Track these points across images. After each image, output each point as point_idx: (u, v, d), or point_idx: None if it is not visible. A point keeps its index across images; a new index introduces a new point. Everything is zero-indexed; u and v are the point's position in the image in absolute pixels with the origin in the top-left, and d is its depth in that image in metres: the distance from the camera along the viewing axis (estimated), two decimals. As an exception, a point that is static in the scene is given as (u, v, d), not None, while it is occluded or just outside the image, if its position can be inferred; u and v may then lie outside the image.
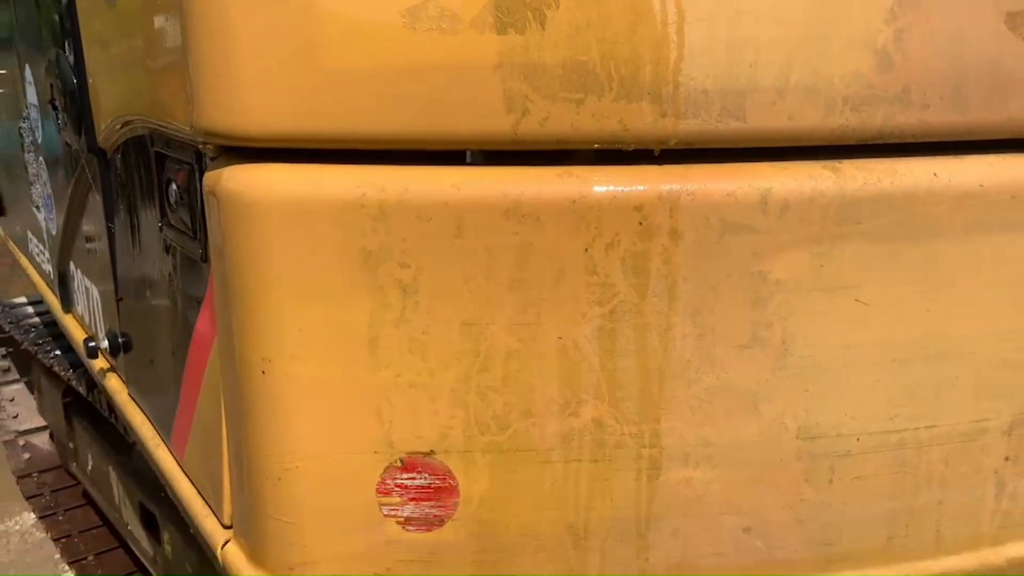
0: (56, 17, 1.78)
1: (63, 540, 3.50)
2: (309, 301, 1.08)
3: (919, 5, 1.05)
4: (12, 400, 4.11)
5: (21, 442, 4.08)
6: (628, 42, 1.00)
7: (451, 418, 1.11)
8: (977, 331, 1.16)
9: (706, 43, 1.01)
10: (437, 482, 1.13)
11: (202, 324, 1.29)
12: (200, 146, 1.17)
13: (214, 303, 1.20)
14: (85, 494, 3.70)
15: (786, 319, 1.10)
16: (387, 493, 1.14)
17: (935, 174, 1.10)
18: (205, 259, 1.24)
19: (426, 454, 1.13)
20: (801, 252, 1.08)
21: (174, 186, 1.33)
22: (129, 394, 1.79)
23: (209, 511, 1.36)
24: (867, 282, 1.11)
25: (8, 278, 4.36)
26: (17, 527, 3.69)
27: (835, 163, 1.08)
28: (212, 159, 1.15)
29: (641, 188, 1.05)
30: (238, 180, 1.09)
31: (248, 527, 1.23)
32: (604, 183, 1.05)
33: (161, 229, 1.41)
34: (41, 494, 3.82)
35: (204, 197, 1.15)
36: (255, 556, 1.22)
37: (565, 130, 1.03)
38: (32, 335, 3.31)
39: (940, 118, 1.09)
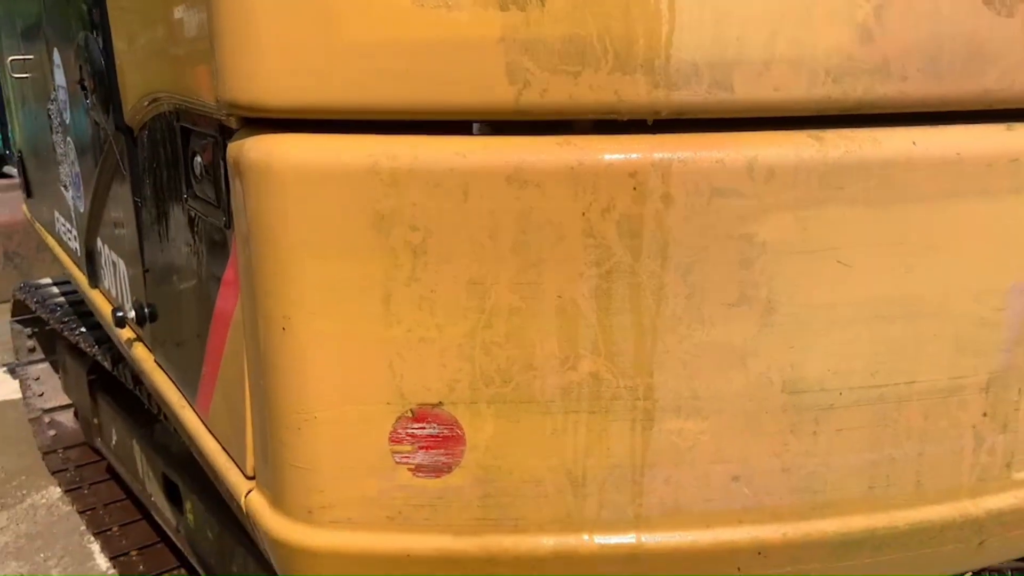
0: (85, 3, 1.87)
1: (88, 512, 3.62)
2: (326, 262, 1.16)
3: (898, -18, 1.11)
4: (38, 379, 4.24)
5: (46, 419, 4.20)
6: (622, 18, 1.07)
7: (458, 371, 1.19)
8: (954, 291, 1.23)
9: (695, 19, 1.08)
10: (445, 431, 1.22)
11: (226, 287, 1.37)
12: (224, 119, 1.25)
13: (237, 266, 1.29)
14: (109, 469, 3.82)
15: (772, 279, 1.17)
16: (399, 441, 1.22)
17: (914, 142, 1.17)
18: (229, 226, 1.32)
19: (435, 405, 1.21)
20: (786, 216, 1.15)
21: (199, 158, 1.41)
22: (155, 361, 1.89)
23: (233, 464, 1.45)
24: (849, 244, 1.17)
25: (32, 260, 4.47)
26: (44, 500, 3.82)
27: (818, 132, 1.15)
28: (235, 131, 1.23)
29: (635, 156, 1.12)
30: (260, 149, 1.17)
31: (269, 475, 1.31)
32: (601, 151, 1.12)
33: (186, 200, 1.50)
34: (66, 469, 3.94)
35: (228, 166, 1.24)
36: (276, 502, 1.30)
37: (564, 101, 1.10)
38: (58, 314, 3.42)
39: (918, 89, 1.15)
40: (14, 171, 10.29)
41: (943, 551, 1.34)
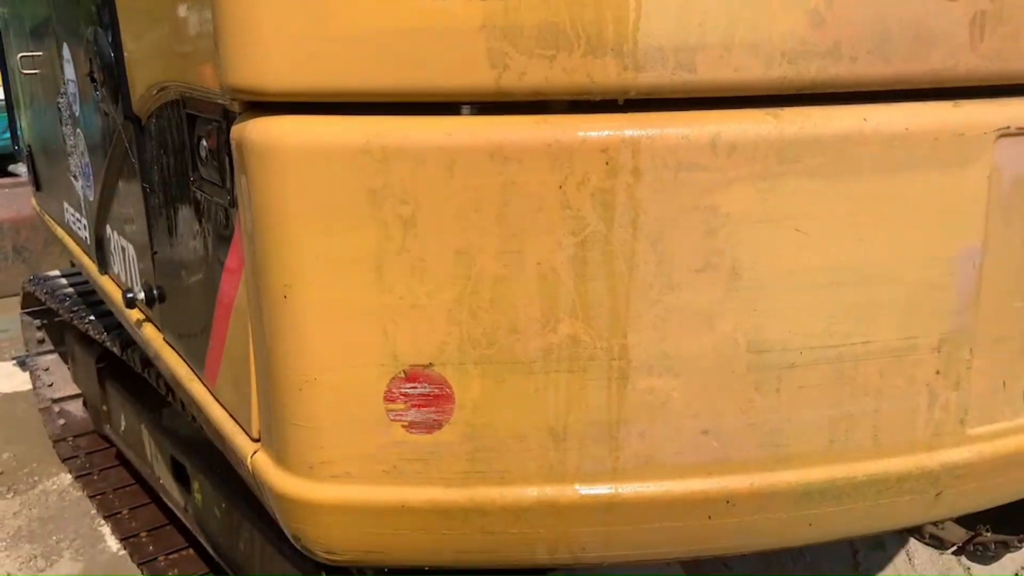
0: (94, 1, 1.96)
1: (98, 497, 3.72)
2: (323, 234, 1.26)
3: (847, -30, 1.21)
4: (47, 370, 4.34)
5: (56, 409, 4.31)
6: (593, 6, 1.17)
7: (447, 335, 1.29)
8: (905, 258, 1.32)
9: (660, 6, 1.17)
10: (435, 391, 1.31)
11: (231, 262, 1.47)
12: (228, 104, 1.35)
13: (241, 241, 1.39)
14: (118, 455, 3.92)
15: (735, 246, 1.27)
16: (392, 400, 1.32)
17: (865, 119, 1.26)
18: (233, 205, 1.42)
19: (426, 366, 1.30)
20: (747, 188, 1.25)
21: (204, 143, 1.51)
22: (164, 339, 1.99)
23: (239, 429, 1.55)
24: (806, 214, 1.27)
25: (40, 255, 4.58)
26: (55, 486, 3.92)
27: (776, 110, 1.24)
28: (238, 114, 1.33)
29: (607, 133, 1.22)
30: (261, 131, 1.27)
31: (273, 436, 1.42)
32: (575, 129, 1.22)
33: (192, 182, 1.60)
34: (76, 456, 4.05)
35: (232, 148, 1.34)
36: (280, 460, 1.40)
37: (540, 83, 1.20)
38: (67, 303, 3.52)
39: (868, 69, 1.24)
40: (19, 170, 10.40)
41: (901, 502, 1.43)
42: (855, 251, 1.30)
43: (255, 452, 1.48)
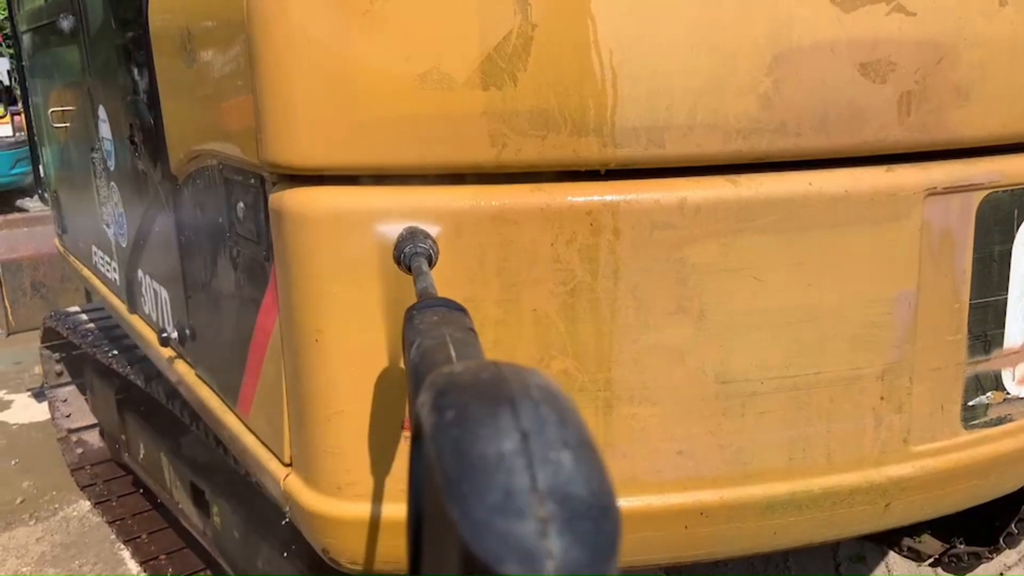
0: (135, 68, 2.19)
1: (117, 522, 3.90)
2: (350, 287, 1.47)
3: (791, 60, 1.43)
4: (65, 401, 4.54)
5: (74, 439, 4.49)
6: (577, 94, 1.39)
7: (456, 371, 1.50)
8: (849, 300, 1.53)
9: (633, 94, 1.39)
10: (446, 420, 1.52)
11: (266, 308, 1.68)
12: (265, 174, 1.57)
13: (276, 291, 1.60)
14: (135, 482, 4.11)
15: (702, 292, 1.48)
16: (411, 428, 1.52)
17: (810, 183, 1.48)
18: (268, 259, 1.63)
19: (438, 399, 1.51)
20: (711, 243, 1.46)
21: (241, 203, 1.73)
22: (196, 374, 2.19)
23: (272, 455, 1.75)
24: (762, 264, 1.48)
25: (58, 291, 4.78)
26: (75, 513, 4.10)
27: (734, 177, 1.46)
28: (274, 183, 1.54)
29: (591, 198, 1.43)
30: (296, 200, 1.48)
31: (304, 460, 1.62)
32: (564, 195, 1.43)
33: (229, 237, 1.81)
34: (94, 484, 4.23)
35: (270, 212, 1.55)
36: (310, 481, 1.61)
37: (534, 157, 1.42)
38: (89, 339, 3.72)
39: (811, 142, 1.46)
40: (26, 205, 10.59)
41: (854, 512, 1.64)
42: (806, 295, 1.51)
43: (287, 475, 1.68)
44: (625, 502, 1.54)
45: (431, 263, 1.34)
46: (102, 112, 2.60)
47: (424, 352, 0.91)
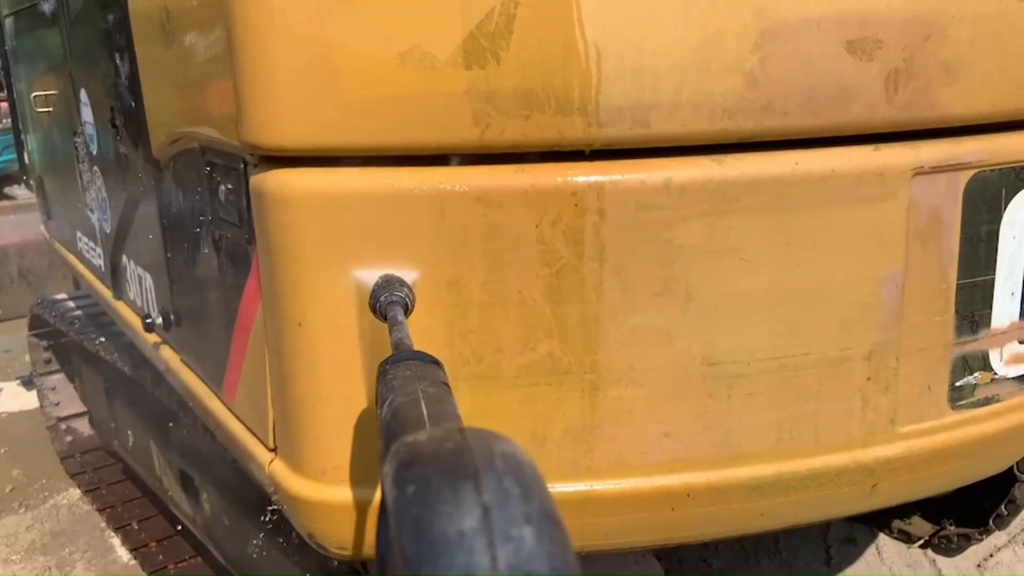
0: (115, 51, 2.16)
1: (107, 510, 3.89)
2: (333, 270, 1.45)
3: (777, 37, 1.41)
4: (54, 389, 4.51)
5: (63, 427, 4.47)
6: (561, 73, 1.37)
7: (439, 355, 1.47)
8: (836, 281, 1.52)
9: (618, 73, 1.37)
10: (431, 403, 1.51)
11: (249, 292, 1.67)
12: (246, 156, 1.55)
13: (260, 275, 1.58)
14: (124, 470, 4.09)
15: (688, 274, 1.47)
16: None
17: (796, 163, 1.47)
18: (251, 242, 1.61)
19: (423, 382, 1.50)
20: (697, 223, 1.45)
21: (223, 186, 1.71)
22: (182, 360, 2.18)
23: (257, 440, 1.74)
24: (748, 245, 1.47)
25: (45, 278, 4.74)
26: (65, 501, 4.08)
27: (720, 156, 1.44)
28: (255, 166, 1.52)
29: (576, 179, 1.41)
30: (277, 182, 1.46)
31: (289, 446, 1.61)
32: (548, 176, 1.41)
33: (211, 221, 1.79)
34: (84, 472, 4.21)
35: (251, 195, 1.53)
36: (295, 466, 1.59)
37: (518, 138, 1.40)
38: (77, 326, 3.70)
39: (797, 122, 1.45)
40: (14, 192, 10.52)
41: (841, 492, 1.64)
42: (792, 276, 1.50)
43: (272, 461, 1.67)
44: (612, 485, 1.54)
45: (407, 311, 1.35)
46: (84, 96, 2.57)
47: (395, 410, 0.91)
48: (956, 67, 1.51)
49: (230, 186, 1.67)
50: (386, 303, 1.35)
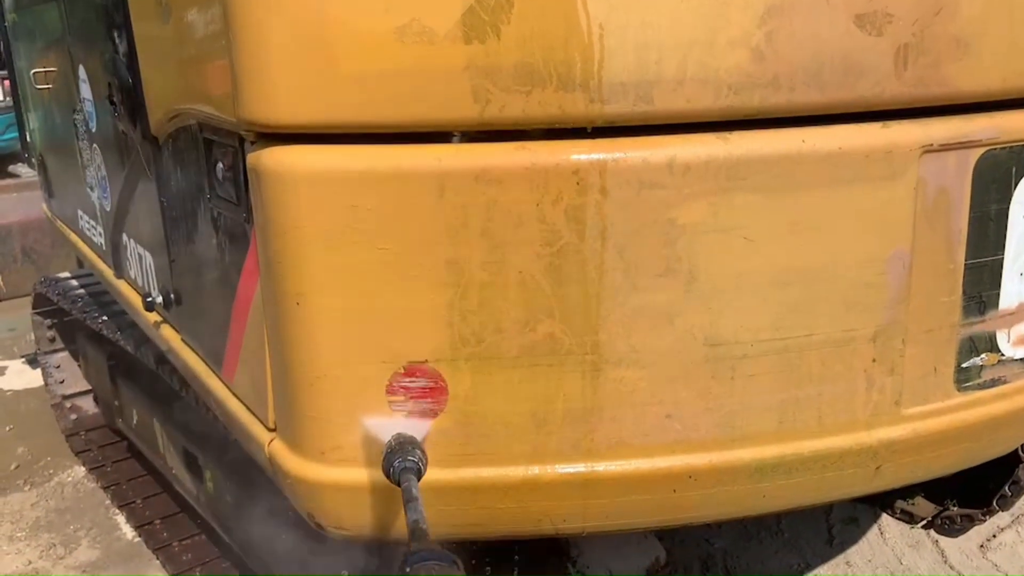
0: (113, 28, 2.13)
1: (112, 488, 3.90)
2: (331, 248, 1.44)
3: (784, 11, 1.38)
4: (58, 367, 4.51)
5: (68, 405, 4.48)
6: (563, 48, 1.34)
7: (441, 335, 1.47)
8: (842, 261, 1.50)
9: (621, 48, 1.34)
10: (431, 384, 1.49)
11: (247, 271, 1.65)
12: (243, 133, 1.53)
13: (257, 253, 1.56)
14: (129, 448, 4.10)
15: (691, 254, 1.44)
16: (393, 393, 1.50)
17: (803, 140, 1.44)
18: (249, 220, 1.59)
19: (422, 362, 1.48)
20: (700, 202, 1.42)
21: (220, 164, 1.68)
22: (182, 339, 2.17)
23: (256, 420, 1.73)
24: (753, 224, 1.45)
25: (49, 256, 4.74)
26: (70, 479, 4.10)
27: (724, 134, 1.42)
28: (252, 143, 1.50)
29: (578, 157, 1.39)
30: (274, 159, 1.44)
31: (288, 425, 1.60)
32: (550, 153, 1.39)
33: (209, 199, 1.77)
34: (89, 449, 4.22)
35: (248, 172, 1.51)
36: (294, 447, 1.58)
37: (518, 115, 1.37)
38: (80, 304, 3.69)
39: (804, 98, 1.42)
40: (19, 171, 10.50)
41: (844, 475, 1.62)
42: (797, 256, 1.48)
43: (271, 440, 1.66)
44: (613, 466, 1.52)
45: (419, 476, 1.37)
46: (82, 72, 2.54)
47: None
48: (967, 42, 1.47)
49: (227, 164, 1.65)
50: (400, 469, 1.37)
